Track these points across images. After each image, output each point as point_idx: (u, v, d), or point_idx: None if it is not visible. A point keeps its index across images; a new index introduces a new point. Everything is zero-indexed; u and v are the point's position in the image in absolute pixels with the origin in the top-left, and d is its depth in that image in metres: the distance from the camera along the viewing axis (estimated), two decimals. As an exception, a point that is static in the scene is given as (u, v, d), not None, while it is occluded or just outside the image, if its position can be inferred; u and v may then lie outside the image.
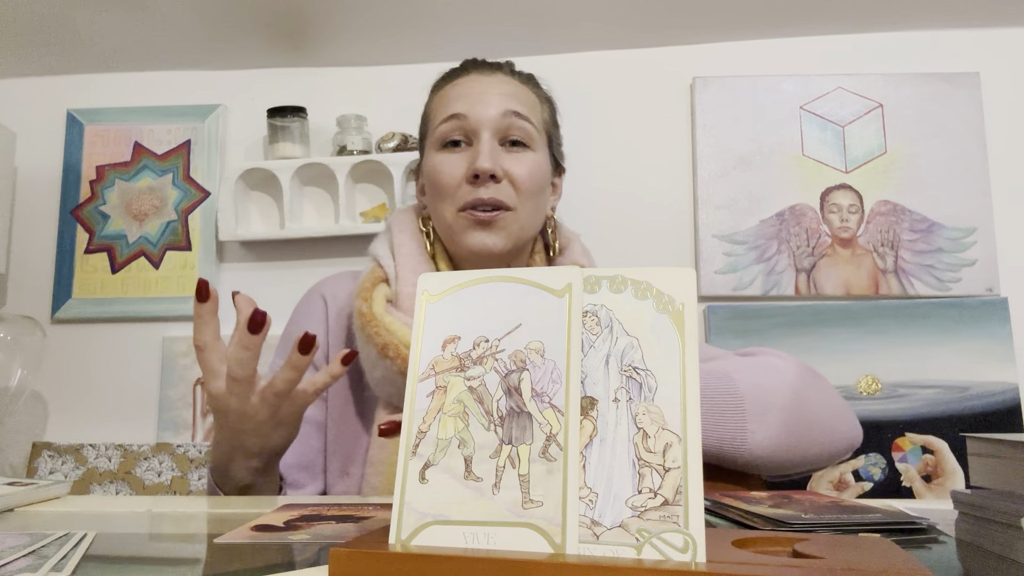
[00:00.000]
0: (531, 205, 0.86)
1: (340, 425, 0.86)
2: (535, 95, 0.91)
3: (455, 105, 0.86)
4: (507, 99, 0.86)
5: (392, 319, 0.81)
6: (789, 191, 1.66)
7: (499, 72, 0.90)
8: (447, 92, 0.89)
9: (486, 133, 0.84)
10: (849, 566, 0.32)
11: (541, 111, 0.91)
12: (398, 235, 0.91)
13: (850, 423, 0.80)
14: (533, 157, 0.86)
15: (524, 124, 0.86)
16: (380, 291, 0.85)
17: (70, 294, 1.75)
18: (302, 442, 0.84)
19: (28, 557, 0.41)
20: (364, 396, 0.86)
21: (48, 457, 1.64)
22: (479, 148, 0.83)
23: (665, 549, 0.33)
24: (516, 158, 0.85)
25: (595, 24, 1.65)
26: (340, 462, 0.85)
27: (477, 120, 0.84)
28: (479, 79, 0.88)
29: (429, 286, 0.41)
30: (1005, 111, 1.66)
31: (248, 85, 1.81)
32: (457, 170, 0.85)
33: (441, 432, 0.38)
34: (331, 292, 0.92)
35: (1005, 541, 0.41)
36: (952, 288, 1.60)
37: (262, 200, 1.76)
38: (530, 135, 0.86)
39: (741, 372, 0.75)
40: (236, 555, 0.45)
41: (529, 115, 0.87)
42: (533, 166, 0.86)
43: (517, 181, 0.84)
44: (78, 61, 1.78)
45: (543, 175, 0.88)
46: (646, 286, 0.38)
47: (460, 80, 0.89)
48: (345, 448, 0.86)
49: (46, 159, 1.81)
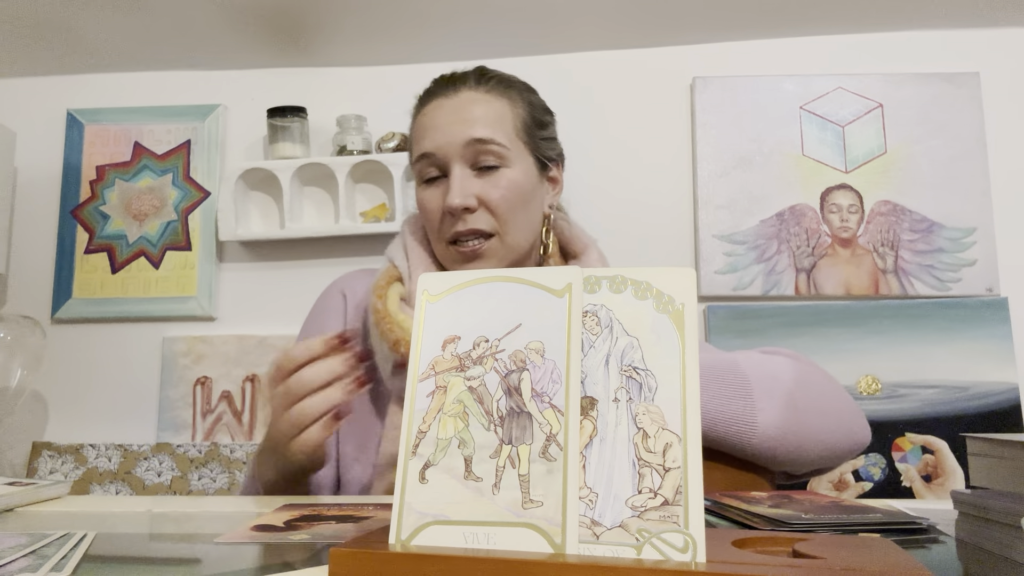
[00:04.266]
0: (515, 223, 0.87)
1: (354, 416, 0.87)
2: (506, 100, 0.89)
3: (424, 143, 0.87)
4: (470, 125, 0.85)
5: (405, 316, 0.83)
6: (789, 191, 1.66)
7: (463, 88, 0.88)
8: (419, 123, 0.90)
9: (456, 166, 0.85)
10: (849, 566, 0.32)
11: (513, 118, 0.88)
12: (411, 239, 0.93)
13: (860, 422, 0.81)
14: (508, 176, 0.86)
15: (491, 147, 0.85)
16: (395, 289, 0.87)
17: (70, 294, 1.75)
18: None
19: (28, 557, 0.41)
20: (378, 390, 0.87)
21: (48, 457, 1.64)
22: (451, 182, 0.85)
23: (665, 549, 0.33)
24: (489, 181, 0.85)
25: (595, 24, 1.65)
26: (353, 450, 0.86)
27: (445, 154, 0.85)
28: (443, 105, 0.88)
29: (429, 286, 0.41)
30: (1005, 111, 1.65)
31: (248, 85, 1.81)
32: (437, 205, 0.86)
33: (441, 432, 0.38)
34: (350, 288, 0.94)
35: (1005, 541, 0.41)
36: (952, 288, 1.60)
37: (262, 200, 1.76)
38: (500, 155, 0.86)
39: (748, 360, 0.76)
40: (236, 555, 0.45)
41: (496, 134, 0.85)
42: (508, 185, 0.85)
43: (493, 206, 0.85)
44: (78, 61, 1.78)
45: (522, 189, 0.87)
46: (646, 286, 0.38)
47: (428, 107, 0.89)
48: (358, 437, 0.87)
49: (46, 159, 1.81)
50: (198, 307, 1.73)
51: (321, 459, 0.73)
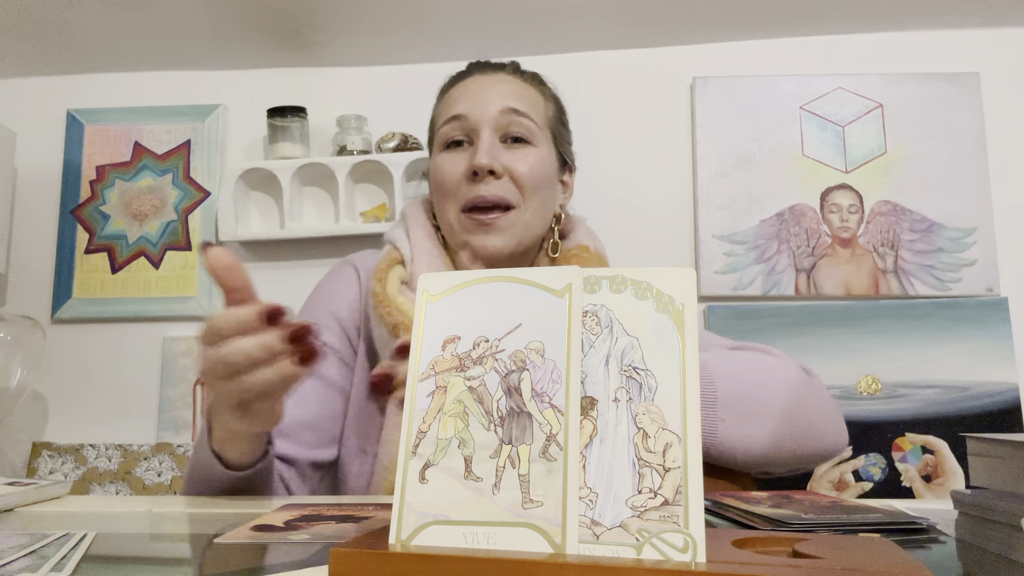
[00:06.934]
0: (536, 202, 0.86)
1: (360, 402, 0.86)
2: (539, 92, 0.92)
3: (456, 106, 0.87)
4: (506, 96, 0.86)
5: (404, 300, 0.82)
6: (789, 191, 1.66)
7: (501, 72, 0.91)
8: (450, 95, 0.90)
9: (486, 131, 0.84)
10: (849, 566, 0.32)
11: (545, 108, 0.91)
12: (412, 223, 0.92)
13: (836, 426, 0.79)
14: (535, 153, 0.86)
15: (524, 120, 0.86)
16: (395, 272, 0.86)
17: (70, 294, 1.75)
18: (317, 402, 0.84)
19: (28, 557, 0.41)
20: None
21: (48, 457, 1.64)
22: (479, 145, 0.84)
23: (665, 549, 0.33)
24: (517, 154, 0.85)
25: (595, 24, 1.65)
26: (358, 440, 0.85)
27: (476, 119, 0.85)
28: (480, 79, 0.89)
29: (429, 286, 0.41)
30: (1005, 111, 1.65)
31: (248, 85, 1.80)
32: (458, 168, 0.85)
33: (441, 432, 0.37)
34: (362, 263, 0.93)
35: (1005, 541, 0.41)
36: (952, 288, 1.60)
37: (262, 200, 1.76)
38: (531, 131, 0.87)
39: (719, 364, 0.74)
40: (236, 555, 0.45)
41: (530, 112, 0.87)
42: (535, 161, 0.86)
43: (519, 177, 0.85)
44: (78, 61, 1.78)
45: (547, 171, 0.88)
46: (646, 286, 0.38)
47: (463, 82, 0.90)
48: (363, 426, 0.85)
49: (46, 159, 1.81)
50: (198, 307, 1.73)
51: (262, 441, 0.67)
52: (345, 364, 0.87)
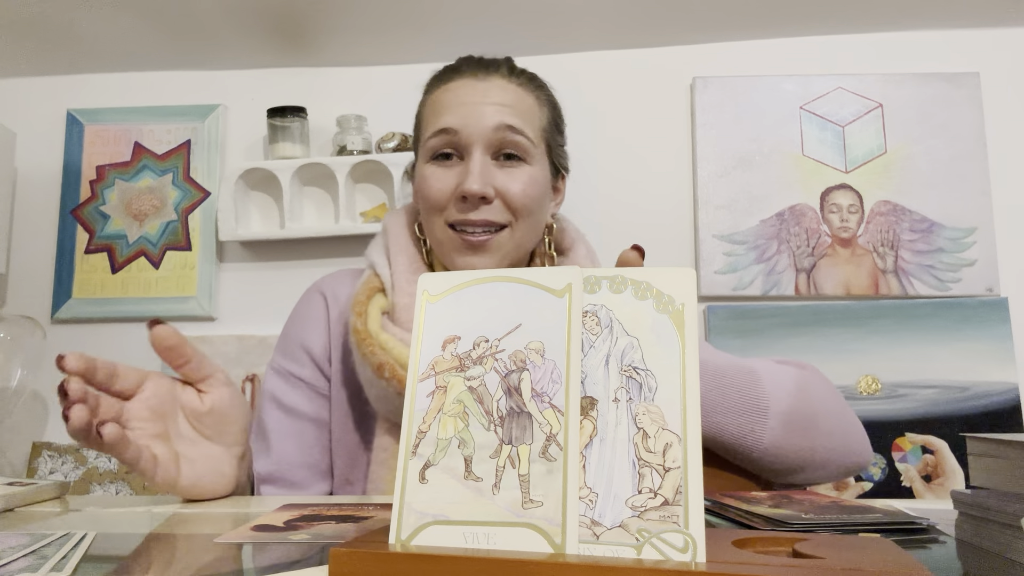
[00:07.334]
0: (528, 222, 0.82)
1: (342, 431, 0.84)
2: (534, 98, 0.86)
3: (446, 117, 0.81)
4: (500, 111, 0.80)
5: (388, 336, 0.77)
6: (789, 191, 1.66)
7: (495, 75, 0.84)
8: (439, 98, 0.84)
9: (477, 150, 0.79)
10: (849, 566, 0.32)
11: (540, 116, 0.85)
12: (394, 240, 0.87)
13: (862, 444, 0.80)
14: (529, 172, 0.81)
15: (518, 138, 0.81)
16: (376, 303, 0.81)
17: (70, 294, 1.75)
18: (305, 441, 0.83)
19: (28, 557, 0.41)
20: (365, 410, 0.83)
21: (48, 457, 1.64)
22: (469, 166, 0.79)
23: (665, 549, 0.33)
24: (510, 174, 0.81)
25: (595, 24, 1.65)
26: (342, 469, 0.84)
27: (468, 136, 0.80)
28: (473, 85, 0.83)
29: (429, 286, 0.41)
30: (1005, 111, 1.66)
31: (248, 85, 1.81)
32: (447, 186, 0.80)
33: (441, 432, 0.38)
34: (332, 292, 0.88)
35: (1005, 541, 0.41)
36: (952, 288, 1.60)
37: (262, 200, 1.76)
38: (525, 149, 0.81)
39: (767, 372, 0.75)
40: (236, 555, 0.45)
41: (525, 127, 0.81)
42: (528, 181, 0.81)
43: (512, 200, 0.80)
44: (78, 61, 1.78)
45: (540, 189, 0.83)
46: (646, 286, 0.38)
47: (453, 84, 0.84)
48: (346, 457, 0.83)
49: (46, 159, 1.81)
50: (198, 307, 1.73)
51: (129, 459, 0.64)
52: (321, 395, 0.85)
